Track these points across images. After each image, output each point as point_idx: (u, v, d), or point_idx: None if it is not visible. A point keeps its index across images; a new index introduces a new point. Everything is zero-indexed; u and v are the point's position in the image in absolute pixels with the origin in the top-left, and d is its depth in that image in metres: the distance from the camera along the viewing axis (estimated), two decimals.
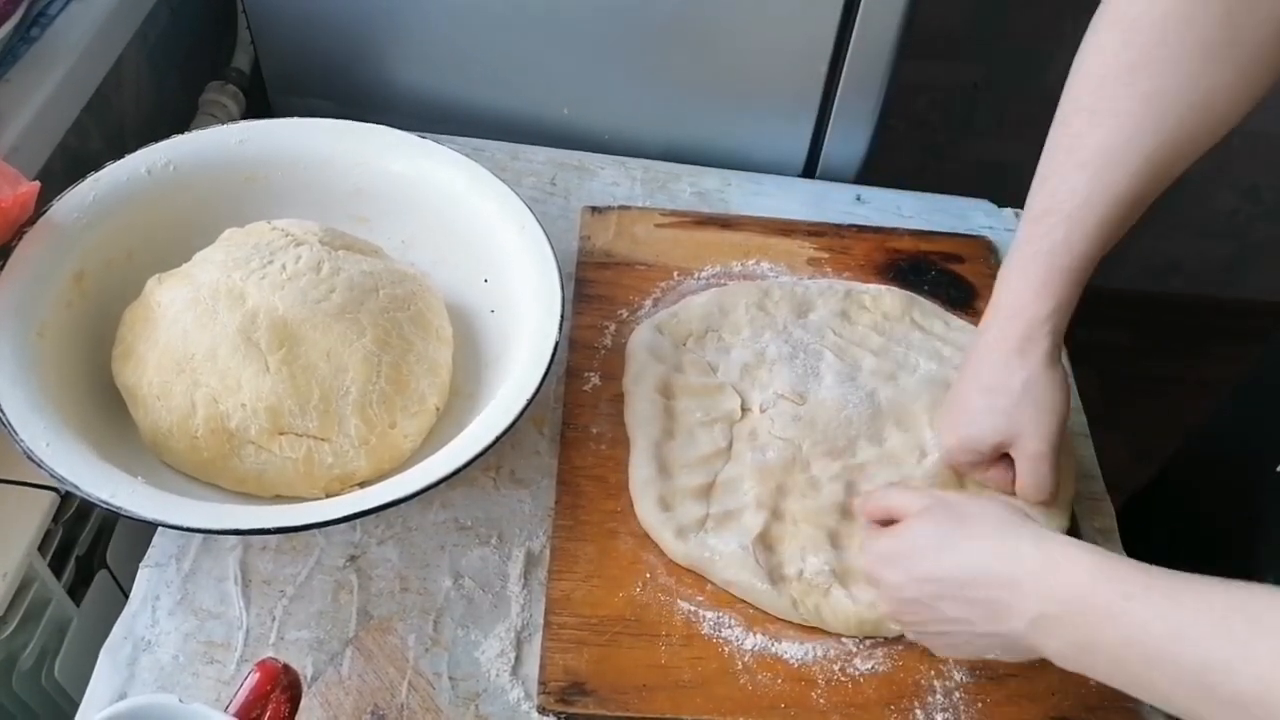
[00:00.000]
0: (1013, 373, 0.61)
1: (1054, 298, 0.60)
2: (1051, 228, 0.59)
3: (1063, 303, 0.60)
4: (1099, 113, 0.57)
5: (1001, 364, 0.61)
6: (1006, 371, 0.61)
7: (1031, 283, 0.60)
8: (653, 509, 0.66)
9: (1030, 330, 0.60)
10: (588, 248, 0.82)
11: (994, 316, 0.63)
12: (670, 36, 0.87)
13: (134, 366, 0.63)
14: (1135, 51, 0.55)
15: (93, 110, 0.79)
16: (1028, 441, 0.61)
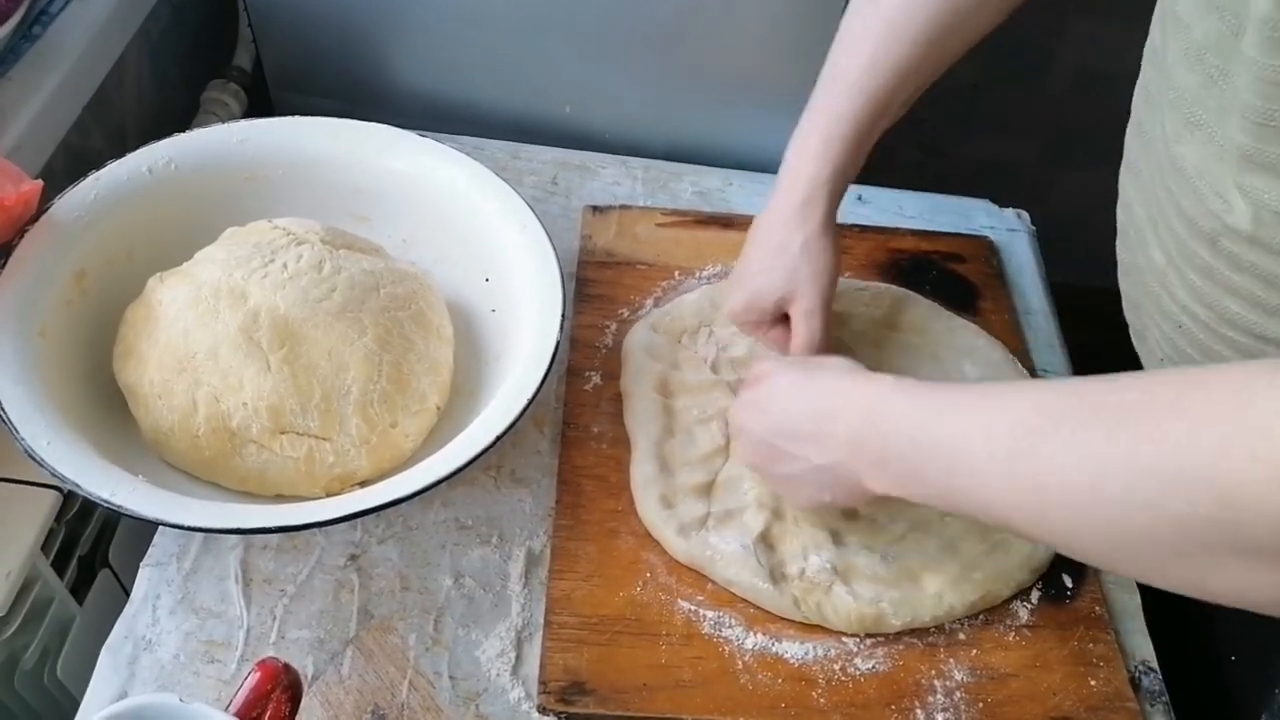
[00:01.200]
0: (792, 234, 0.65)
1: (831, 162, 0.64)
2: (835, 96, 0.63)
3: (840, 167, 0.64)
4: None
5: (782, 226, 0.65)
6: (786, 233, 0.65)
7: (812, 148, 0.64)
8: (654, 507, 0.66)
9: (810, 193, 0.64)
10: (589, 247, 0.82)
11: (779, 181, 0.66)
12: (672, 36, 0.87)
13: (135, 365, 0.63)
14: None
15: (94, 108, 0.79)
16: (802, 299, 0.65)
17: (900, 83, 0.63)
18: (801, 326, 0.66)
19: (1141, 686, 0.63)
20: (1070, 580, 0.67)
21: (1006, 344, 0.78)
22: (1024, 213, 0.92)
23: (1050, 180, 1.59)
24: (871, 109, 0.63)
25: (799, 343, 0.66)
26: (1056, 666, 0.63)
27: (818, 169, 0.64)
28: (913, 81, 0.64)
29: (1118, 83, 0.64)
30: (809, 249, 0.65)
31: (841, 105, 0.63)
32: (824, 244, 0.65)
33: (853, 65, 0.63)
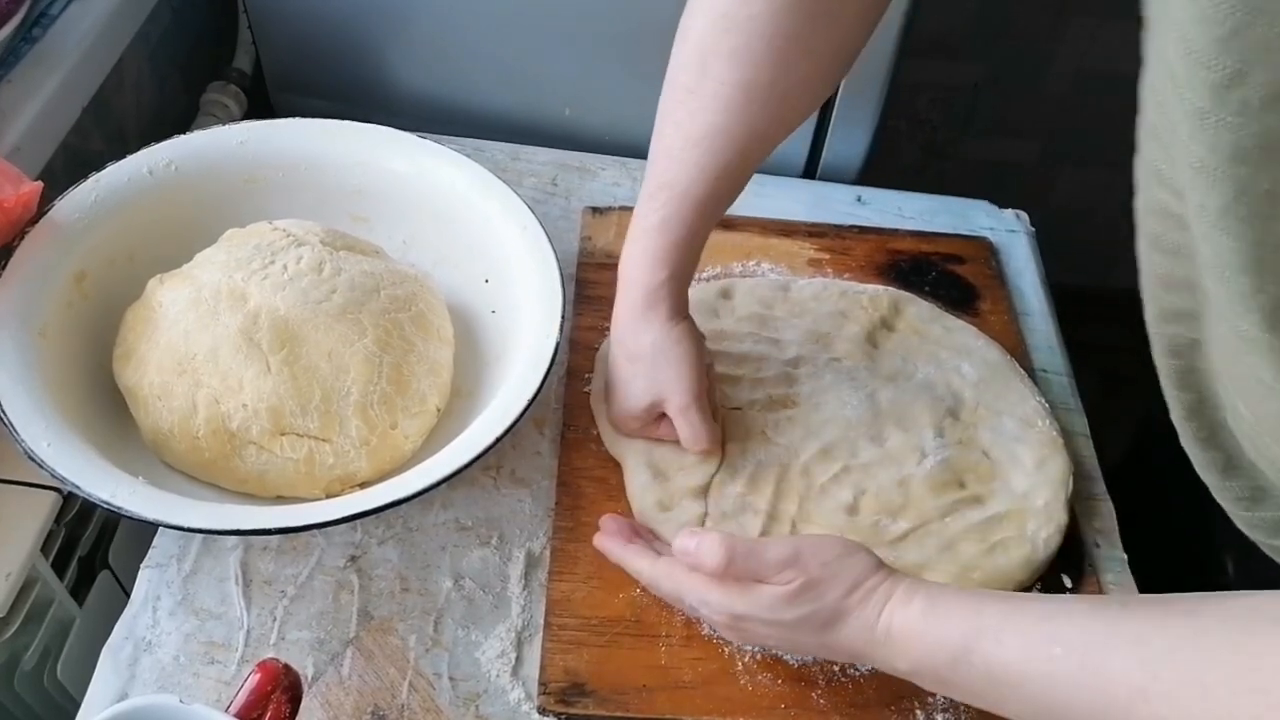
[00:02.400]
0: (640, 337, 0.65)
1: (667, 267, 0.64)
2: (664, 203, 0.63)
3: (677, 270, 0.64)
4: (704, 95, 0.61)
5: (631, 331, 0.65)
6: (634, 338, 0.65)
7: (647, 255, 0.64)
8: (652, 511, 0.66)
9: (648, 297, 0.64)
10: (589, 248, 0.82)
11: (619, 288, 0.66)
12: (671, 37, 0.87)
13: (135, 367, 0.63)
14: (734, 39, 0.59)
15: (94, 110, 0.80)
16: (673, 397, 0.65)
17: (724, 186, 0.63)
18: (682, 425, 0.65)
19: None
20: (1069, 580, 0.67)
21: (1005, 345, 0.78)
22: (1023, 213, 0.92)
23: (1050, 181, 1.60)
24: (703, 213, 0.63)
25: (688, 442, 0.65)
26: None
27: (652, 275, 0.64)
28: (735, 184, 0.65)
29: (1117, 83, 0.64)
30: (659, 347, 0.64)
31: (670, 211, 0.63)
32: (674, 337, 0.64)
33: (680, 174, 0.63)
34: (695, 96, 0.61)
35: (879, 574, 0.54)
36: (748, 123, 0.61)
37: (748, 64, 0.60)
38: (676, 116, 0.63)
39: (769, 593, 0.54)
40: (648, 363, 0.65)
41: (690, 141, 0.62)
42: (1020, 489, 0.69)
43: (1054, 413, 0.75)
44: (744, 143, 0.62)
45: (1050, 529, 0.67)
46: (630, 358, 0.66)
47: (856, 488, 0.68)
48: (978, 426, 0.72)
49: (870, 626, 0.53)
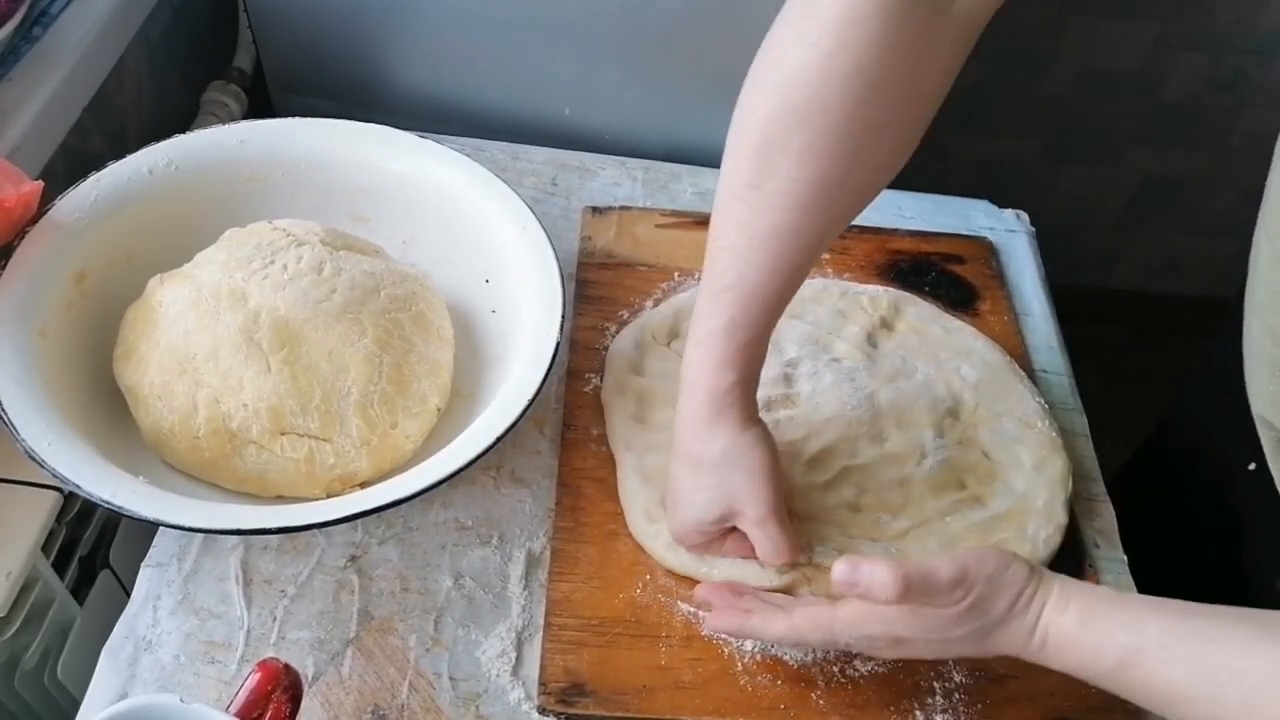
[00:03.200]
0: (709, 444, 0.60)
1: (735, 370, 0.60)
2: (729, 304, 0.59)
3: (745, 374, 0.60)
4: (771, 193, 0.57)
5: (699, 438, 0.61)
6: (704, 444, 0.61)
7: (712, 358, 0.60)
8: (641, 521, 0.66)
9: (716, 402, 0.60)
10: (589, 248, 0.82)
11: (683, 392, 0.62)
12: (672, 37, 0.87)
13: (135, 366, 0.63)
14: (805, 134, 0.55)
15: (94, 110, 0.79)
16: (747, 509, 0.60)
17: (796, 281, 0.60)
18: (760, 538, 0.61)
19: None
20: None
21: (1005, 345, 0.78)
22: (1023, 213, 0.92)
23: (1050, 181, 1.60)
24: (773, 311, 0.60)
25: (767, 557, 0.61)
26: None
27: (720, 380, 0.60)
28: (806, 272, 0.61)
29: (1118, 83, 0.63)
30: (730, 456, 0.60)
31: (738, 311, 0.59)
32: (746, 443, 0.60)
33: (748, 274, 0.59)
34: (759, 194, 0.57)
35: (1033, 580, 0.53)
36: (818, 220, 0.58)
37: (820, 159, 0.55)
38: (738, 214, 0.59)
39: (939, 615, 0.53)
40: (718, 472, 0.60)
41: (756, 241, 0.58)
42: (1020, 489, 0.69)
43: (1054, 413, 0.75)
44: (813, 239, 0.59)
45: (1050, 529, 0.67)
46: (697, 466, 0.61)
47: (857, 487, 0.68)
48: (978, 427, 0.72)
49: (1027, 632, 0.53)
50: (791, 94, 0.55)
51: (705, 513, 0.61)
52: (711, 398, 0.60)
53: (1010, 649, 0.54)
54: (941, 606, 0.53)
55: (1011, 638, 0.53)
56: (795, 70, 0.55)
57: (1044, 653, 0.53)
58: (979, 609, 0.53)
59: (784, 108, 0.55)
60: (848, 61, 0.53)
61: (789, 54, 0.56)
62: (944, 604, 0.53)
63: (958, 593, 0.53)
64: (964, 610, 0.53)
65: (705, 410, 0.60)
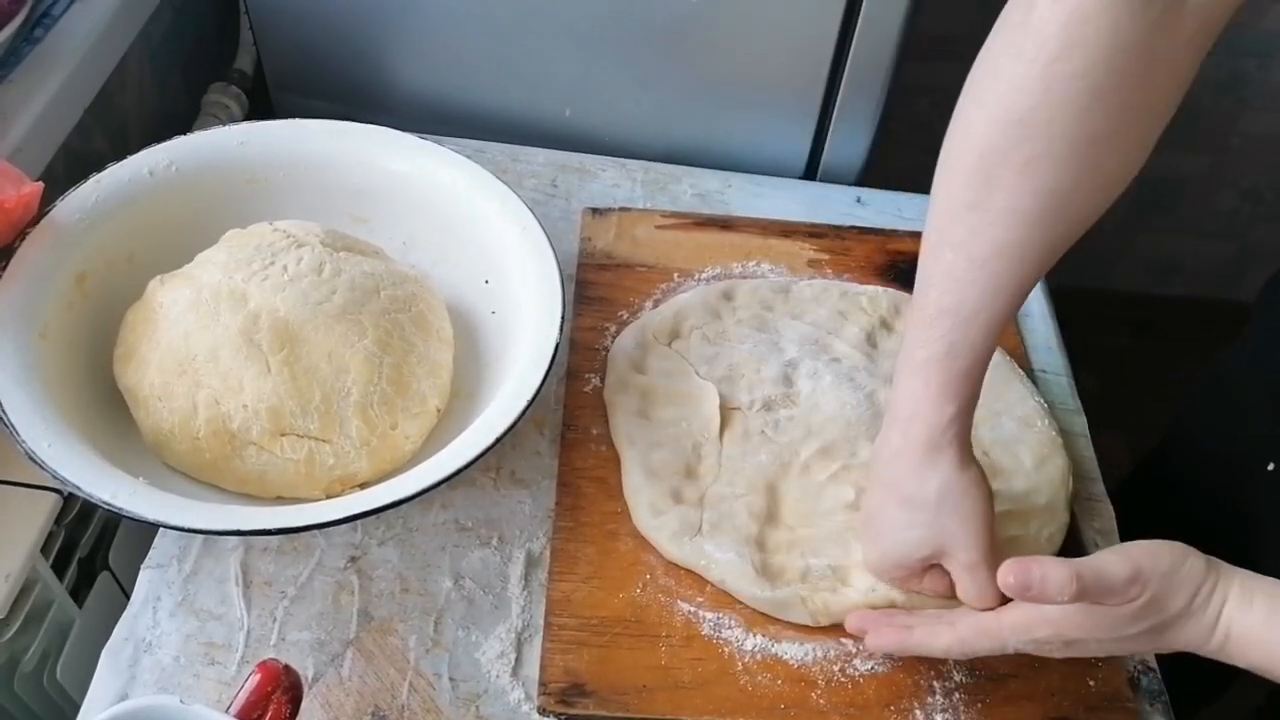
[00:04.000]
0: (925, 483, 0.58)
1: (955, 400, 0.57)
2: (947, 330, 0.56)
3: (964, 404, 0.58)
4: (993, 210, 0.54)
5: (912, 474, 0.58)
6: (918, 481, 0.58)
7: (931, 387, 0.57)
8: (646, 513, 0.66)
9: (934, 436, 0.57)
10: (588, 249, 0.82)
11: (894, 422, 0.59)
12: (672, 39, 0.87)
13: (136, 368, 0.63)
14: (1030, 146, 0.52)
15: (96, 111, 0.80)
16: (959, 552, 0.58)
17: (1018, 303, 0.57)
18: (968, 582, 0.58)
19: (1140, 686, 0.64)
20: None
21: (1005, 345, 0.78)
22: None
23: None
24: (994, 333, 0.57)
25: (971, 599, 0.58)
26: (1055, 667, 0.63)
27: (939, 412, 0.57)
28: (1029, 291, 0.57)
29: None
30: (947, 497, 0.57)
31: (957, 336, 0.56)
32: (964, 484, 0.57)
33: (966, 297, 0.56)
34: (979, 213, 0.54)
35: (1212, 574, 0.52)
36: (1044, 236, 0.54)
37: (1046, 172, 0.52)
38: (955, 236, 0.56)
39: (1113, 614, 0.52)
40: (931, 512, 0.58)
41: (976, 262, 0.55)
42: (1020, 488, 0.69)
43: (1053, 412, 0.75)
44: (1039, 255, 0.55)
45: (1053, 527, 0.67)
46: (908, 504, 0.59)
47: (856, 486, 0.68)
48: (977, 426, 0.72)
49: (1208, 629, 0.51)
50: (1013, 106, 0.52)
51: (914, 551, 0.59)
52: (930, 431, 0.57)
53: (1189, 645, 0.52)
54: (1115, 605, 0.51)
55: (1190, 634, 0.52)
56: (1015, 80, 0.52)
57: (1226, 649, 0.51)
58: (1155, 606, 0.52)
59: (1005, 121, 0.52)
60: (1073, 64, 0.50)
61: (1006, 66, 0.52)
62: (1118, 602, 0.51)
63: (1132, 590, 0.51)
64: (1139, 608, 0.51)
65: (922, 445, 0.57)
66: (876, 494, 0.61)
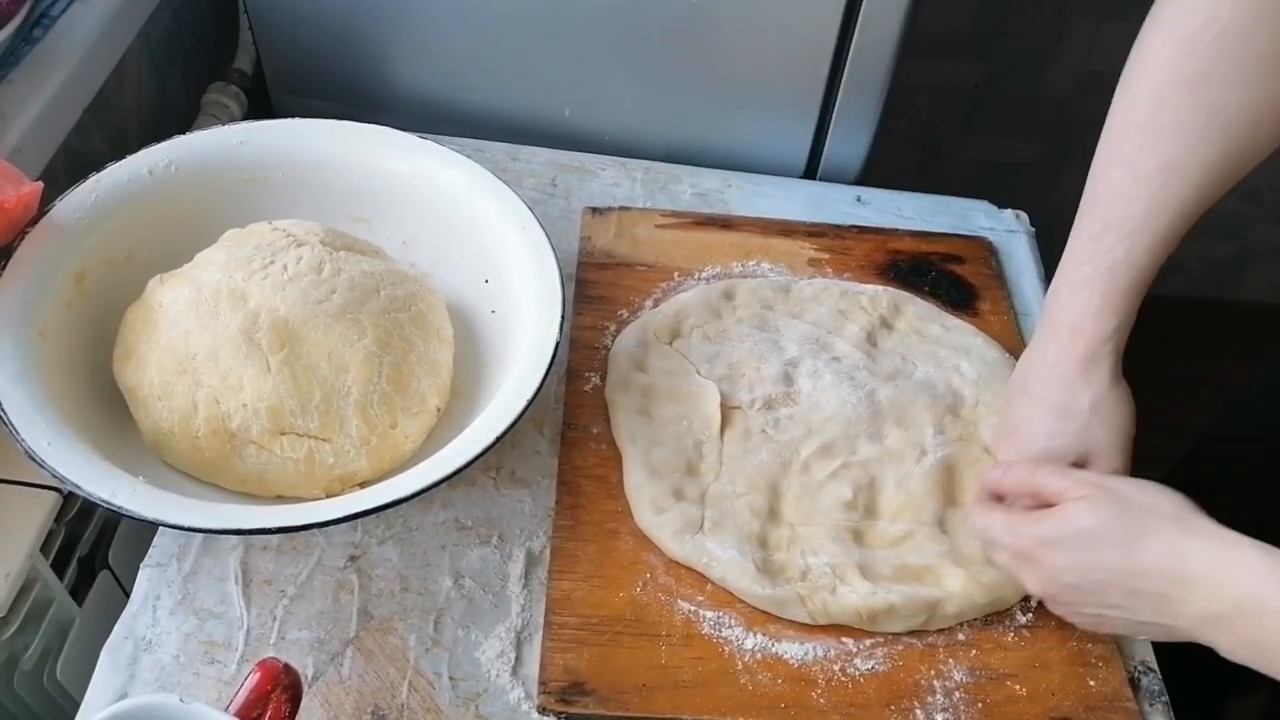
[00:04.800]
0: (1078, 394, 0.60)
1: (1116, 316, 0.59)
2: (1112, 246, 0.58)
3: (1124, 321, 0.60)
4: (1159, 127, 0.56)
5: (1066, 385, 0.61)
6: (1071, 392, 0.61)
7: (1093, 302, 0.60)
8: (648, 511, 0.66)
9: (1092, 350, 0.60)
10: (588, 248, 0.82)
11: (1052, 335, 0.62)
12: (672, 38, 0.87)
13: (135, 367, 0.63)
14: (1197, 63, 0.54)
15: (95, 111, 0.80)
16: (1101, 460, 0.61)
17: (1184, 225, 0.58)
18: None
19: (1141, 686, 0.63)
20: None
21: (1005, 344, 0.78)
22: (1023, 214, 0.92)
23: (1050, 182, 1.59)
24: (1157, 255, 0.59)
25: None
26: (1055, 667, 0.63)
27: (1100, 326, 0.59)
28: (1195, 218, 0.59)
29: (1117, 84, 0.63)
30: (1100, 408, 0.60)
31: (1120, 254, 0.58)
32: (1116, 399, 0.60)
33: (1130, 213, 0.58)
34: (1147, 131, 0.57)
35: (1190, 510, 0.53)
36: (1209, 154, 0.56)
37: (1214, 87, 0.54)
38: (1123, 154, 0.58)
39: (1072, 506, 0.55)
40: (1081, 422, 0.60)
41: (1141, 179, 0.57)
42: None
43: None
44: (1204, 176, 0.57)
45: None
46: (1059, 413, 0.61)
47: (855, 484, 0.68)
48: (978, 424, 0.72)
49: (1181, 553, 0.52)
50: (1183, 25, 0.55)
51: (1060, 457, 0.61)
52: (1090, 345, 0.60)
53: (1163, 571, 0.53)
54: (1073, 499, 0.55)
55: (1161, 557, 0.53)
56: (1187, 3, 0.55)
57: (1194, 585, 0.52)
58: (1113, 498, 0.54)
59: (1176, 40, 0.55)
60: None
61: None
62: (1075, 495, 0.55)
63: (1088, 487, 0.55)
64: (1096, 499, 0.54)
65: (1080, 357, 0.60)
66: (1023, 404, 0.63)
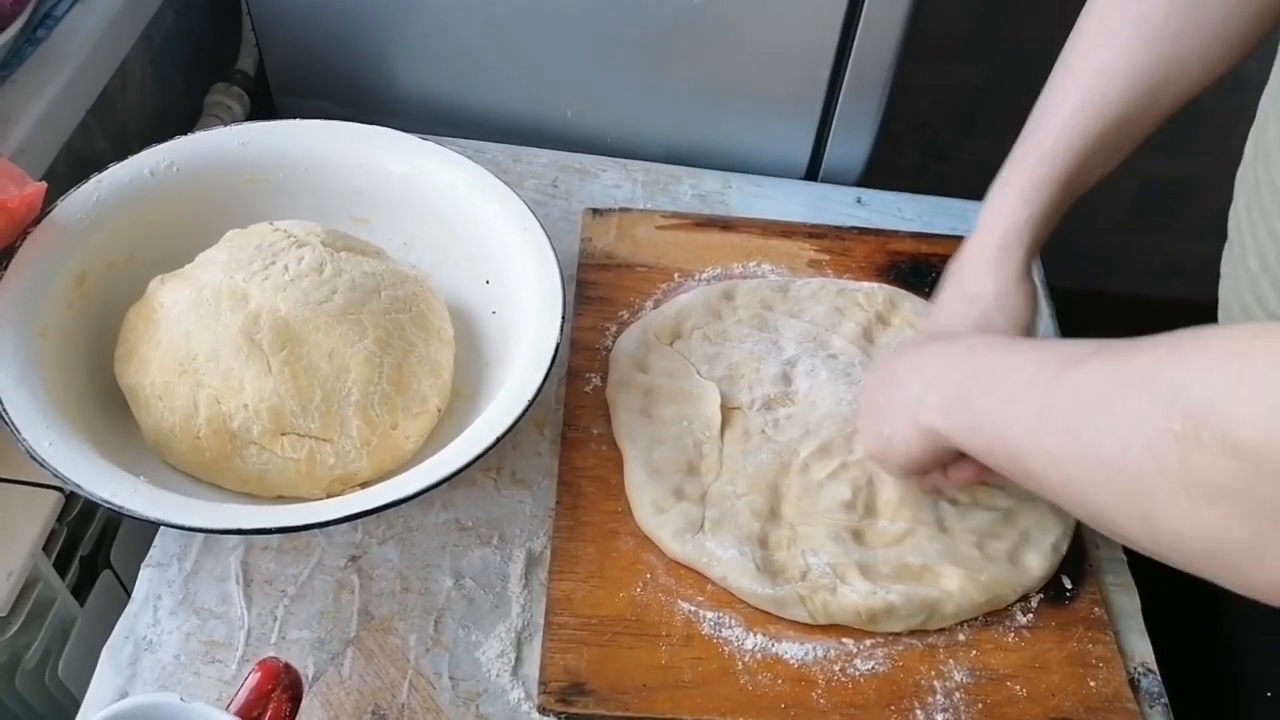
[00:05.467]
0: (986, 281, 0.63)
1: (1030, 205, 0.61)
2: (1039, 140, 0.61)
3: (1040, 211, 0.62)
4: (1096, 35, 0.60)
5: (977, 272, 0.64)
6: (981, 280, 0.63)
7: (1013, 191, 0.62)
8: (649, 511, 0.66)
9: (1006, 238, 0.62)
10: (589, 249, 0.82)
11: (978, 224, 0.65)
12: (673, 39, 0.87)
13: (136, 367, 0.63)
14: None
15: (98, 112, 0.80)
16: None
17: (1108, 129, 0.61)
18: None
19: (1141, 687, 0.64)
20: (1069, 582, 0.67)
21: None
22: None
23: None
24: (1078, 152, 0.61)
25: None
26: (1056, 667, 0.63)
27: (1014, 214, 0.62)
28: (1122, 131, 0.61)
29: None
30: (1003, 299, 0.62)
31: (1044, 147, 0.61)
32: (1021, 293, 0.62)
33: (1058, 111, 0.61)
34: (1085, 37, 0.61)
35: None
36: (1135, 61, 0.59)
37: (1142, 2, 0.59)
38: (1065, 60, 0.62)
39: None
40: (982, 308, 0.63)
41: (1073, 77, 0.61)
42: (1023, 489, 0.69)
43: None
44: (1130, 84, 0.59)
45: (1058, 532, 0.67)
46: (968, 299, 0.64)
47: (854, 485, 0.68)
48: None
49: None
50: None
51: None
52: (1004, 232, 0.62)
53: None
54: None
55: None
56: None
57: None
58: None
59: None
60: None
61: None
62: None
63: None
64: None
65: (993, 246, 0.62)
66: (946, 288, 0.66)
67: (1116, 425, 0.42)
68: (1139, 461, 0.41)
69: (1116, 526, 0.45)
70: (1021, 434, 0.49)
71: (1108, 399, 0.43)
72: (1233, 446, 0.36)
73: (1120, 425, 0.42)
